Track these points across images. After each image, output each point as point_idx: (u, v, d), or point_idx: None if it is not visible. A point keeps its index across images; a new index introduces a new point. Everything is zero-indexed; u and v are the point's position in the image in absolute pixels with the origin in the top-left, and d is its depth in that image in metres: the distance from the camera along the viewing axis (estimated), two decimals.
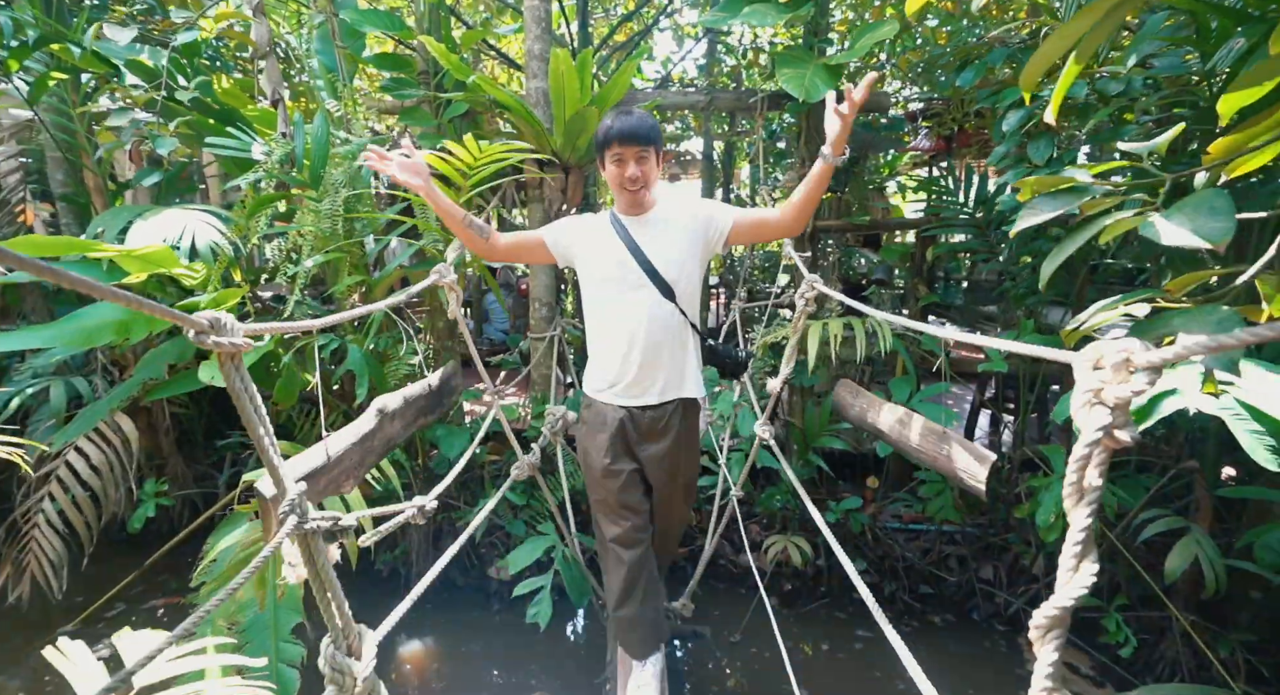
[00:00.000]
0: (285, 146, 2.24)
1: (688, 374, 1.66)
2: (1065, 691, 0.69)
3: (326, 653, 0.83)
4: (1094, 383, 0.65)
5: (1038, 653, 0.69)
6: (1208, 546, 1.87)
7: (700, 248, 1.61)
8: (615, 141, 1.48)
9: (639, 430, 1.66)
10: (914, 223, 3.23)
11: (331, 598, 0.83)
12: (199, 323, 0.71)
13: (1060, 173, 0.99)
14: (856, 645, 2.63)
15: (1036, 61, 0.74)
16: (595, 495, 1.75)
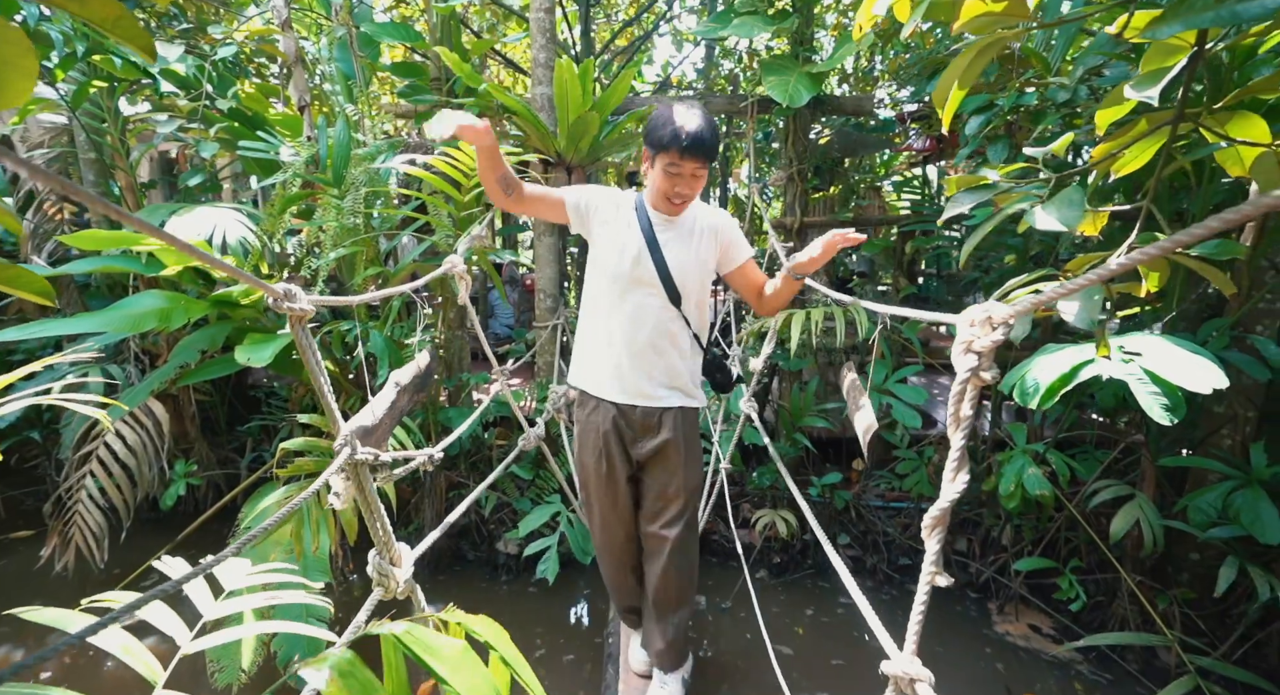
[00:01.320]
0: (310, 148, 2.44)
1: (685, 382, 1.59)
2: (945, 574, 0.89)
3: (373, 561, 1.03)
4: (967, 336, 0.85)
5: (926, 543, 0.89)
6: (1148, 510, 2.07)
7: (714, 262, 1.57)
8: (678, 150, 1.34)
9: (632, 427, 1.58)
10: (895, 219, 3.43)
11: (376, 517, 1.03)
12: (277, 291, 0.91)
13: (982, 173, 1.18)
14: (839, 610, 2.83)
15: (940, 87, 0.94)
16: (589, 503, 1.73)
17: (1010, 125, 2.17)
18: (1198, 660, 1.95)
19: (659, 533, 1.64)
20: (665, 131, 1.35)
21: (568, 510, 2.43)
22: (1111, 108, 0.97)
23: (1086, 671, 2.35)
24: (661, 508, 1.64)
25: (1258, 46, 1.19)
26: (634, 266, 1.48)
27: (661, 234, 1.50)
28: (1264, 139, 0.88)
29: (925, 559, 0.89)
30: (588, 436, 1.63)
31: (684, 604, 1.73)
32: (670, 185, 1.41)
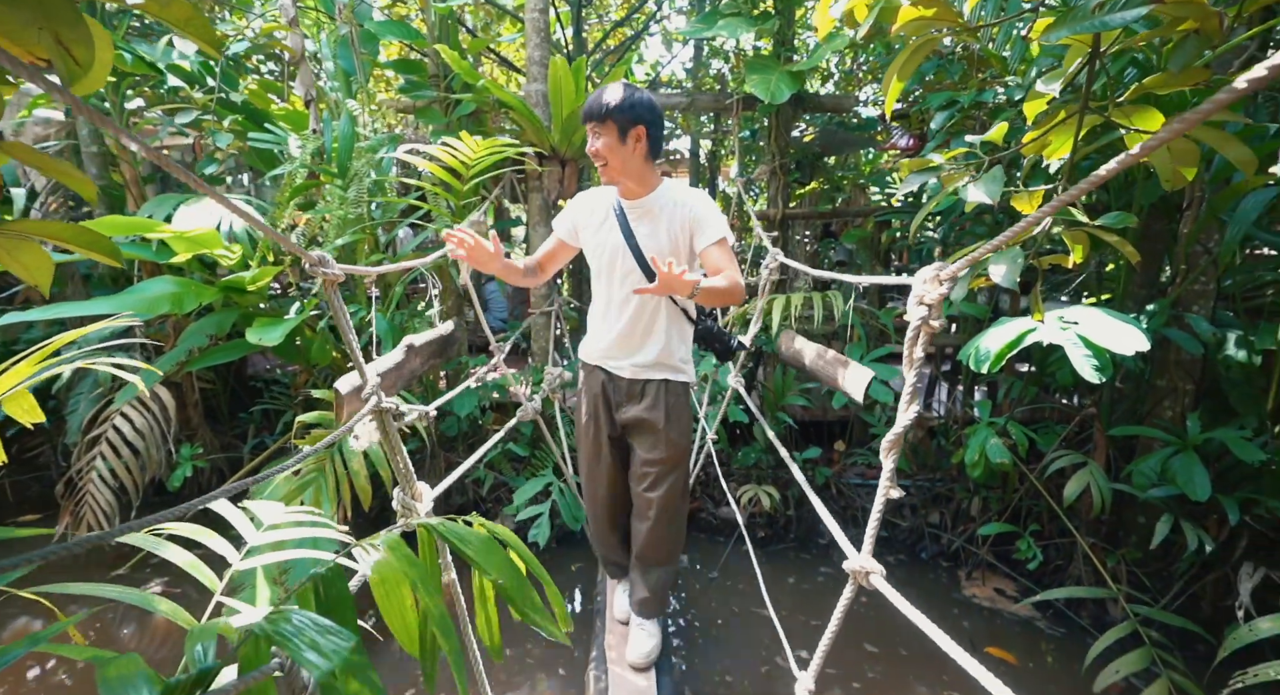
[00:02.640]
0: (316, 141, 2.57)
1: (672, 359, 1.68)
2: (898, 488, 1.05)
3: (398, 497, 1.17)
4: (919, 291, 1.02)
5: (884, 462, 1.05)
6: (1098, 475, 2.25)
7: (686, 238, 1.59)
8: (581, 118, 1.51)
9: (619, 392, 1.72)
10: (870, 210, 3.60)
11: (399, 458, 1.18)
12: (313, 257, 1.05)
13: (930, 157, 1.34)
14: (819, 578, 3.00)
15: (885, 79, 1.09)
16: (580, 450, 1.89)
17: (973, 121, 2.34)
18: (1139, 610, 2.14)
19: (645, 495, 1.75)
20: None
21: (559, 481, 2.57)
22: (1035, 100, 1.13)
23: (1045, 627, 2.54)
24: (646, 472, 1.73)
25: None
26: (615, 259, 1.61)
27: (635, 221, 1.59)
28: (1158, 128, 1.04)
29: (882, 475, 1.05)
30: (583, 396, 1.82)
31: (667, 562, 1.86)
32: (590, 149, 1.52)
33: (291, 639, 0.61)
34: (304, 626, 0.63)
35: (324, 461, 2.13)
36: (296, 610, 0.65)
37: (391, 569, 0.77)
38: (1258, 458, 2.02)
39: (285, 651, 0.61)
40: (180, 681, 0.59)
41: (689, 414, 1.77)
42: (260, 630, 0.62)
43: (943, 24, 0.93)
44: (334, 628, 0.63)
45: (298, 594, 0.70)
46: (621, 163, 1.51)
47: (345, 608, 0.71)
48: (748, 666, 2.39)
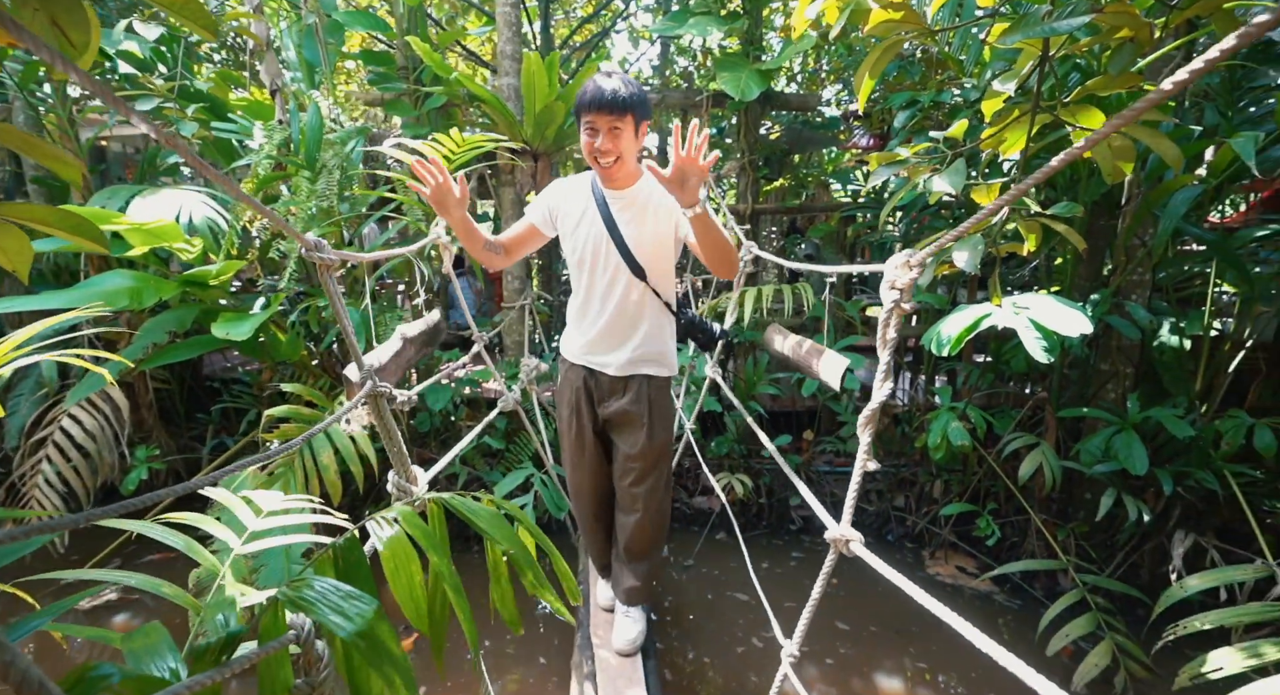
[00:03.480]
0: (283, 132, 2.51)
1: (656, 352, 1.66)
2: (874, 460, 1.12)
3: (393, 480, 1.18)
4: (891, 276, 1.09)
5: (861, 435, 1.12)
6: (1049, 455, 2.40)
7: (674, 233, 1.59)
8: (588, 107, 1.37)
9: (601, 388, 1.70)
10: (837, 206, 3.73)
11: (394, 442, 1.19)
12: (308, 241, 1.05)
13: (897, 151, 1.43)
14: (791, 563, 3.11)
15: (856, 78, 1.17)
16: (564, 454, 1.86)
17: (933, 119, 2.47)
18: (1086, 579, 2.30)
19: (631, 490, 1.75)
20: (580, 95, 1.40)
21: (540, 473, 2.59)
22: (992, 98, 1.22)
23: (1002, 600, 2.69)
24: (630, 468, 1.72)
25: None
26: (595, 248, 1.56)
27: (619, 213, 1.53)
28: (1099, 126, 1.15)
29: (859, 448, 1.12)
30: (563, 393, 1.78)
31: (652, 553, 1.88)
32: (591, 141, 1.41)
33: (315, 604, 0.63)
34: (326, 592, 0.65)
35: (294, 457, 2.10)
36: (317, 578, 0.67)
37: (403, 544, 0.79)
38: (1188, 433, 2.20)
39: (310, 616, 0.63)
40: (210, 645, 0.60)
41: (671, 407, 1.78)
42: (284, 596, 0.64)
43: (908, 27, 1.01)
44: (356, 593, 0.66)
45: (316, 563, 0.72)
46: (631, 157, 1.47)
47: (363, 575, 0.73)
48: (725, 648, 2.46)
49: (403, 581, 0.80)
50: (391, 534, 0.80)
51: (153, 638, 0.68)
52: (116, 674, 0.53)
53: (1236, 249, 2.26)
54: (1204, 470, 2.24)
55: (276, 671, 0.70)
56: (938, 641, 2.47)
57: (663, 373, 1.71)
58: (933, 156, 1.29)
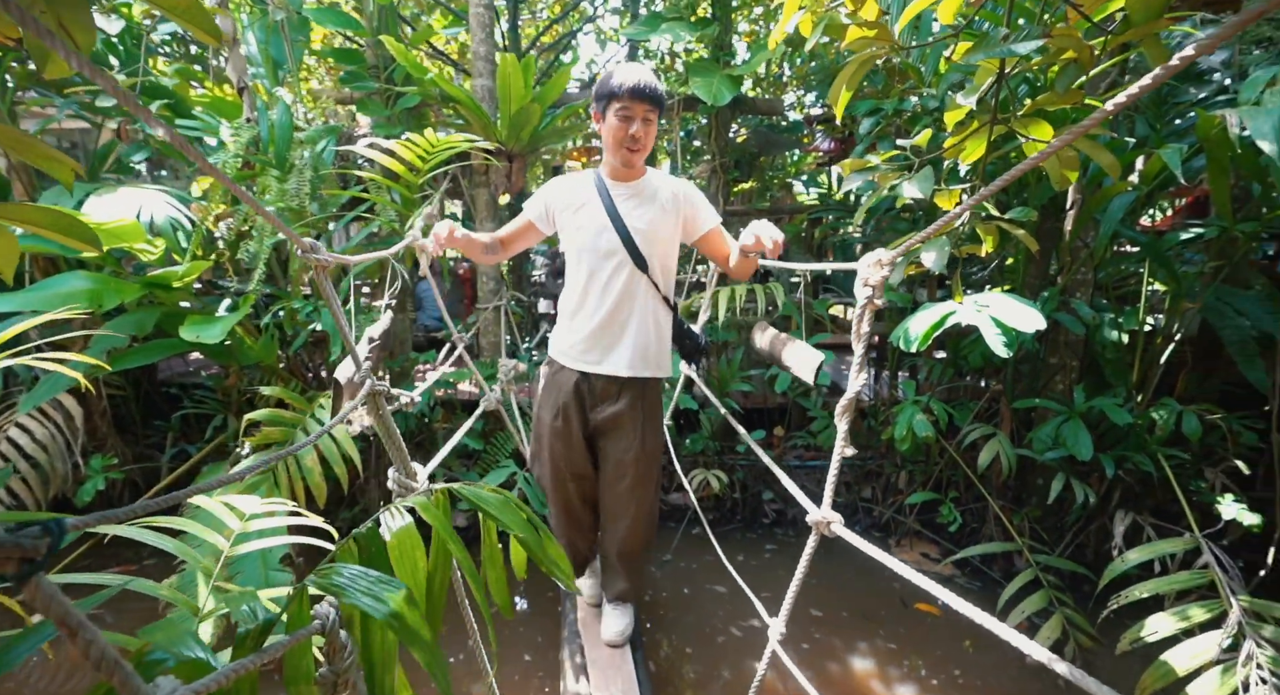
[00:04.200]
0: (251, 130, 2.46)
1: (654, 351, 1.65)
2: (851, 447, 1.20)
3: (393, 477, 1.20)
4: (864, 274, 1.17)
5: (838, 423, 1.20)
6: (1005, 444, 2.56)
7: (678, 229, 1.61)
8: (628, 95, 1.39)
9: (594, 394, 1.65)
10: (805, 208, 3.86)
11: (393, 440, 1.20)
12: (304, 243, 1.06)
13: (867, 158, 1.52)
14: (766, 555, 3.20)
15: (834, 89, 1.25)
16: (542, 457, 1.77)
17: (895, 126, 2.60)
18: (1039, 559, 2.46)
19: (623, 494, 1.73)
20: (614, 81, 1.42)
21: (523, 471, 2.61)
22: (954, 110, 1.32)
23: (963, 582, 2.85)
24: (621, 473, 1.71)
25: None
26: (599, 238, 1.55)
27: (623, 204, 1.56)
28: (1047, 137, 1.26)
29: (837, 436, 1.20)
30: (549, 394, 1.71)
31: (643, 553, 1.92)
32: (625, 129, 1.44)
33: (347, 589, 0.66)
34: (356, 577, 0.68)
35: None
36: (345, 565, 0.70)
37: (410, 534, 0.82)
38: (1126, 421, 2.38)
39: (342, 599, 0.66)
40: (249, 631, 0.62)
41: (661, 409, 1.78)
42: (314, 583, 0.66)
43: (881, 43, 1.09)
44: (385, 578, 0.69)
45: (338, 553, 0.74)
46: (649, 150, 1.53)
47: (384, 562, 0.75)
48: (706, 638, 2.53)
49: (406, 569, 0.83)
50: (403, 524, 0.83)
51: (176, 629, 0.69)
52: (171, 659, 0.54)
53: (1165, 250, 2.46)
54: (1141, 454, 2.43)
55: (300, 660, 0.72)
56: (905, 624, 2.60)
57: (659, 375, 1.70)
58: (900, 164, 1.38)
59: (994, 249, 1.47)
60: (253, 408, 3.16)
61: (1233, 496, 2.32)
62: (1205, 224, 2.57)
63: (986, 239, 1.44)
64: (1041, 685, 2.27)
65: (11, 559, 0.43)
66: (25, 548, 0.43)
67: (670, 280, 1.67)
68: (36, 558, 0.43)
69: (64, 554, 3.02)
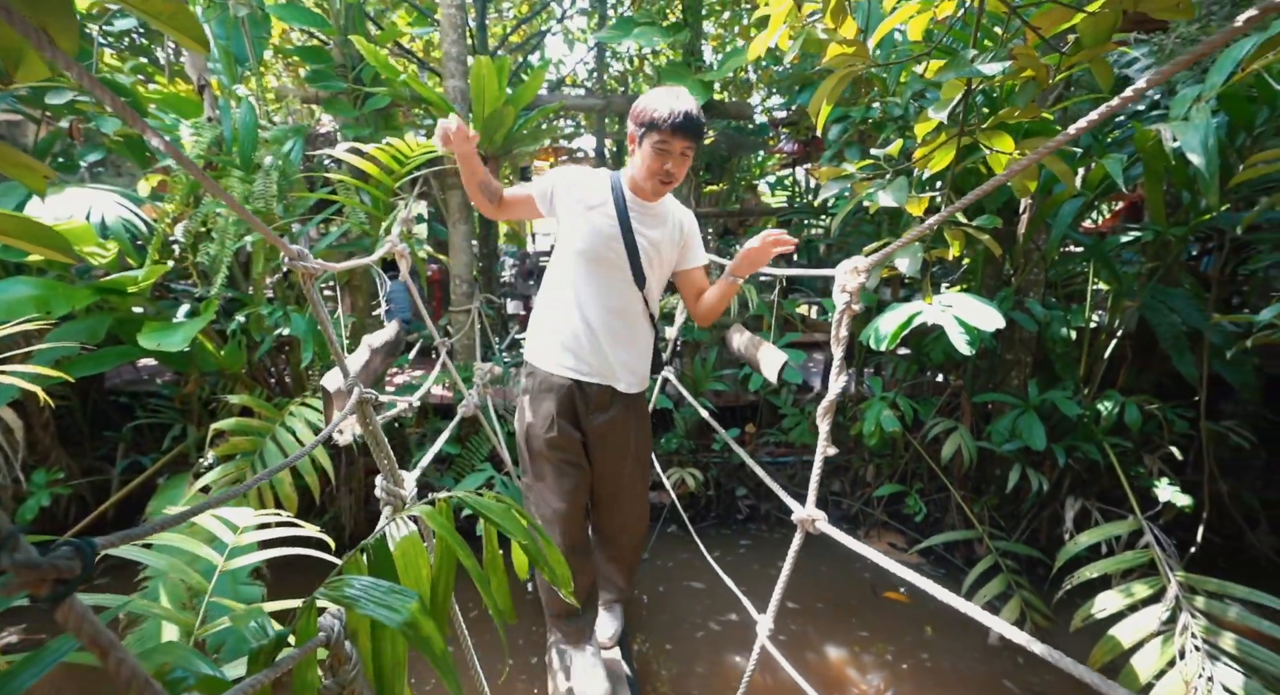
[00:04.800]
0: (214, 130, 2.37)
1: (643, 367, 1.65)
2: (833, 446, 1.26)
3: (381, 485, 1.19)
4: (842, 280, 1.22)
5: (820, 424, 1.25)
6: (966, 437, 2.69)
7: (674, 257, 1.62)
8: (669, 130, 1.37)
9: (588, 402, 1.62)
10: (774, 211, 3.95)
11: (382, 448, 1.20)
12: (291, 250, 1.05)
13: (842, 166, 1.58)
14: (740, 550, 3.27)
15: (813, 103, 1.30)
16: (534, 469, 1.68)
17: (862, 133, 2.69)
18: (998, 545, 2.60)
19: (620, 505, 1.74)
20: (655, 111, 1.38)
21: (500, 475, 2.60)
22: (924, 122, 1.40)
23: (928, 570, 2.98)
24: (618, 482, 1.71)
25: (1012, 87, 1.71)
26: (606, 245, 1.51)
27: (637, 219, 1.53)
28: (1009, 149, 1.34)
29: (820, 436, 1.25)
30: (538, 404, 1.62)
31: (639, 558, 2.00)
32: (660, 163, 1.41)
33: (359, 600, 0.67)
34: (368, 588, 0.68)
35: (244, 470, 2.01)
36: (354, 577, 0.70)
37: (415, 543, 0.83)
38: (1075, 412, 2.53)
39: (355, 611, 0.66)
40: (264, 646, 0.62)
41: (649, 417, 1.80)
42: (325, 596, 0.67)
43: (860, 59, 1.14)
44: (397, 588, 0.70)
45: (346, 565, 0.74)
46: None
47: (391, 572, 0.76)
48: (686, 634, 2.58)
49: (410, 577, 0.84)
50: (407, 532, 0.84)
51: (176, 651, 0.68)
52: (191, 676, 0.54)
53: (1108, 252, 2.63)
54: (1089, 443, 2.59)
55: (305, 673, 0.72)
56: (876, 613, 2.71)
57: (644, 386, 1.71)
58: (873, 172, 1.45)
59: (959, 253, 1.56)
60: (214, 416, 3.05)
61: (1168, 480, 2.50)
62: (1141, 228, 2.75)
63: (953, 243, 1.53)
64: (1001, 663, 2.41)
65: (46, 580, 0.43)
66: (61, 569, 0.43)
67: (657, 301, 1.67)
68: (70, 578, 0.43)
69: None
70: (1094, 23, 1.22)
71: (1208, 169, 1.74)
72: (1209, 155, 1.74)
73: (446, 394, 3.47)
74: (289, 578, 1.36)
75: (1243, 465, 3.18)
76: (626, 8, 5.69)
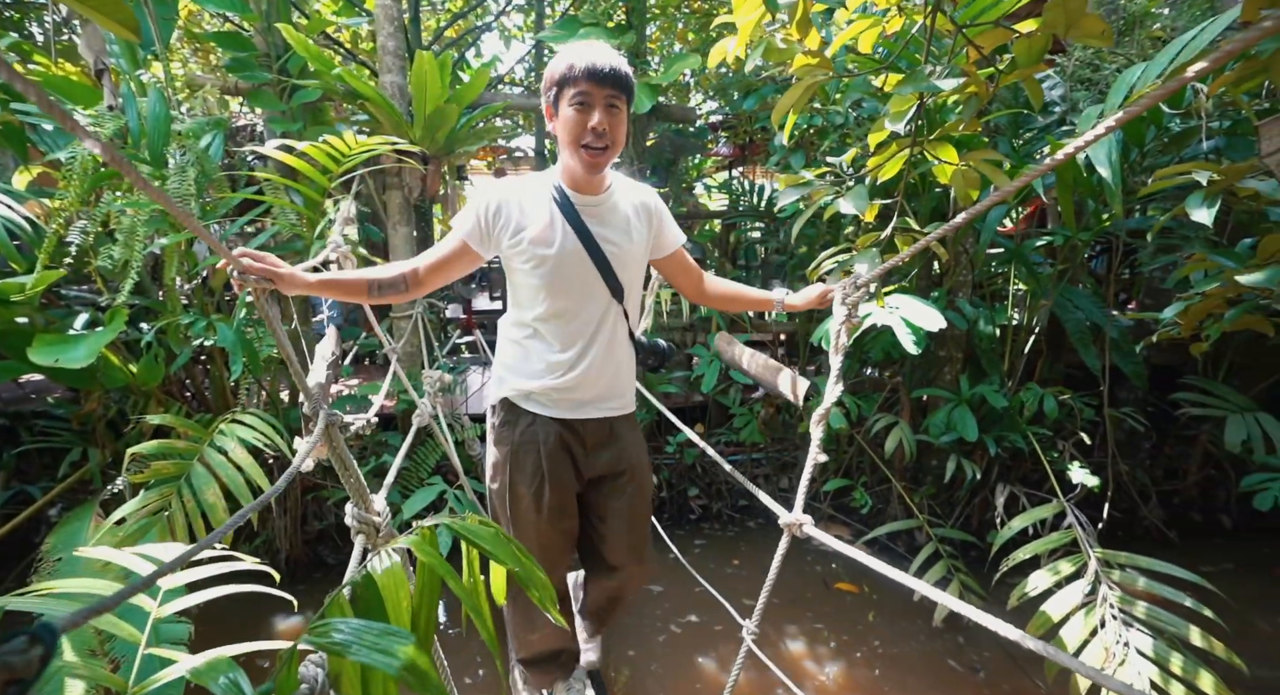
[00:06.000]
0: (116, 120, 2.14)
1: (631, 382, 1.46)
2: (824, 453, 1.29)
3: (352, 512, 1.11)
4: (842, 294, 1.26)
5: (813, 431, 1.27)
6: (906, 431, 2.83)
7: (648, 247, 1.38)
8: (582, 78, 1.13)
9: (584, 443, 1.39)
10: (721, 213, 4.02)
11: (351, 472, 1.11)
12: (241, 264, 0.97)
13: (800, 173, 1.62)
14: (695, 550, 3.31)
15: (778, 110, 1.33)
16: (516, 531, 1.43)
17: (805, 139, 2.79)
18: (937, 532, 2.76)
19: (626, 548, 1.50)
20: (565, 63, 1.16)
21: (453, 489, 2.50)
22: (877, 133, 1.46)
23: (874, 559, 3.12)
24: (627, 523, 1.47)
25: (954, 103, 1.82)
26: (569, 269, 1.27)
27: (591, 222, 1.28)
28: (953, 159, 1.42)
29: (812, 443, 1.27)
30: (525, 459, 1.37)
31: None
32: (583, 120, 1.16)
33: (351, 646, 0.61)
34: (359, 632, 0.63)
35: (169, 497, 1.82)
36: (340, 620, 0.64)
37: (397, 574, 0.78)
38: (1002, 404, 2.73)
39: (347, 658, 0.61)
40: None
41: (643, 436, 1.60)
42: (313, 643, 0.61)
43: (824, 70, 1.18)
44: (390, 628, 0.65)
45: (329, 608, 0.68)
46: (619, 149, 1.23)
47: (380, 611, 0.70)
48: (646, 637, 2.57)
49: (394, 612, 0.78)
50: (389, 564, 0.78)
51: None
52: None
53: (1027, 254, 2.85)
54: (1015, 433, 2.79)
55: None
56: (829, 604, 2.80)
57: (634, 404, 1.52)
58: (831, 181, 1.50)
59: (910, 258, 1.63)
60: (121, 438, 2.75)
61: (1079, 463, 2.74)
62: (1052, 232, 3.01)
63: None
64: (944, 643, 2.56)
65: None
66: (15, 667, 0.35)
67: (637, 305, 1.44)
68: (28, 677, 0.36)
69: None
70: (1028, 44, 1.31)
71: (1113, 180, 1.92)
72: (1114, 168, 1.92)
73: (388, 403, 3.30)
74: (212, 609, 1.20)
75: (1136, 447, 3.54)
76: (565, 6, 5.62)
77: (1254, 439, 2.64)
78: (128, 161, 0.59)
